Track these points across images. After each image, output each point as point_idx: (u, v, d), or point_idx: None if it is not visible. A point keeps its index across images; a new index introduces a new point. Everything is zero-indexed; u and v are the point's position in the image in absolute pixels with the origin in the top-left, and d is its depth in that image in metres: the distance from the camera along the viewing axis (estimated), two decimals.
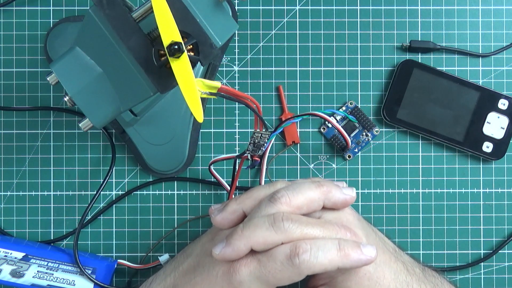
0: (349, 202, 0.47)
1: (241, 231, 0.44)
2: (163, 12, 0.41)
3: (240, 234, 0.43)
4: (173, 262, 0.51)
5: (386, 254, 0.48)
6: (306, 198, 0.45)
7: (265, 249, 0.43)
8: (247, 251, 0.43)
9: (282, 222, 0.43)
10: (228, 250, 0.43)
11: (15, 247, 0.56)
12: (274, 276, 0.42)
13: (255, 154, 0.51)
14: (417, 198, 0.59)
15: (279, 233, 0.43)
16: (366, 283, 0.45)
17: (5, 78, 0.58)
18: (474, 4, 0.59)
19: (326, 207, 0.47)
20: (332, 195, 0.46)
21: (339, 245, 0.43)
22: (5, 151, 0.58)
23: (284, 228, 0.43)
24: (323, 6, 0.59)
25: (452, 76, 0.58)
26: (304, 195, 0.45)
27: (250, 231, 0.43)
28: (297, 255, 0.42)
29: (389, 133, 0.59)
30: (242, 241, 0.43)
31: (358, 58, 0.59)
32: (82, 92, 0.45)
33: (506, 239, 0.59)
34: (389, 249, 0.49)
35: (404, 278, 0.47)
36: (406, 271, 0.48)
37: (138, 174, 0.59)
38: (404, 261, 0.49)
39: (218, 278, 0.44)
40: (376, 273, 0.46)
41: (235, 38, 0.59)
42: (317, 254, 0.42)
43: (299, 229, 0.43)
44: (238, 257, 0.43)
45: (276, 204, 0.45)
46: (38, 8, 0.59)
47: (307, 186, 0.46)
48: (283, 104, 0.59)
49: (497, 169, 0.59)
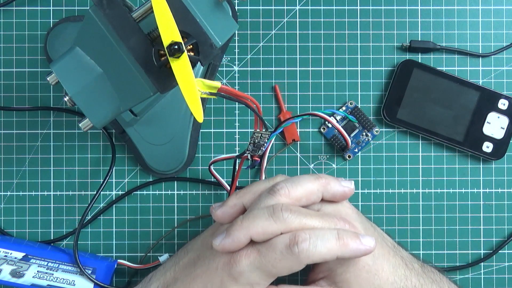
0: (348, 194, 0.47)
1: (240, 222, 0.44)
2: (163, 12, 0.41)
3: (239, 224, 0.44)
4: (174, 258, 0.51)
5: (385, 248, 0.48)
6: (305, 190, 0.46)
7: (265, 239, 0.43)
8: (246, 241, 0.44)
9: (281, 212, 0.44)
10: (228, 240, 0.44)
11: (15, 247, 0.56)
12: (274, 265, 0.43)
13: (255, 154, 0.51)
14: (417, 198, 0.59)
15: (278, 223, 0.43)
16: (365, 275, 0.46)
17: (5, 78, 0.59)
18: (474, 4, 0.59)
19: (325, 199, 0.47)
20: (331, 187, 0.47)
21: (338, 234, 0.43)
22: (5, 151, 0.58)
23: (283, 218, 0.43)
24: (323, 6, 0.59)
25: (452, 76, 0.58)
26: (303, 187, 0.46)
27: (250, 222, 0.44)
28: (296, 244, 0.42)
29: (389, 133, 0.59)
30: (242, 232, 0.43)
31: (358, 58, 0.59)
32: (82, 92, 0.45)
33: (506, 239, 0.59)
34: (388, 244, 0.49)
35: (402, 272, 0.47)
36: (405, 265, 0.48)
37: (138, 174, 0.59)
38: (403, 256, 0.49)
39: (218, 270, 0.44)
40: (374, 266, 0.46)
41: (235, 38, 0.59)
42: (316, 243, 0.42)
43: (298, 219, 0.44)
44: (238, 248, 0.44)
45: (275, 196, 0.45)
46: (38, 8, 0.59)
47: (306, 179, 0.47)
48: (280, 104, 0.59)
49: (497, 169, 0.59)
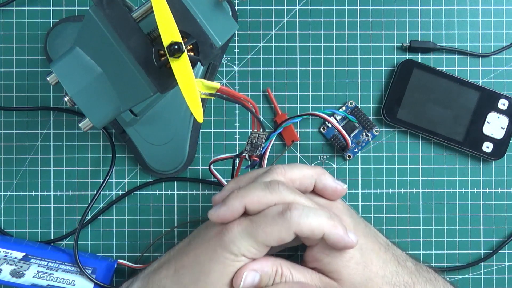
0: (339, 191, 0.48)
1: (237, 191, 0.45)
2: (163, 12, 0.42)
3: (236, 193, 0.45)
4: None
5: (376, 243, 0.48)
6: (300, 172, 0.47)
7: (259, 209, 0.44)
8: (241, 209, 0.44)
9: (277, 185, 0.45)
10: (223, 208, 0.44)
11: (15, 247, 0.56)
12: (264, 230, 0.43)
13: (253, 154, 0.51)
14: (417, 198, 0.59)
15: (274, 194, 0.44)
16: (354, 266, 0.46)
17: (5, 78, 0.59)
18: (474, 4, 0.59)
19: (317, 191, 0.48)
20: (324, 178, 0.48)
21: (329, 215, 0.44)
22: (5, 151, 0.58)
23: (279, 190, 0.44)
24: (323, 6, 0.59)
25: (452, 76, 0.58)
26: (299, 169, 0.48)
27: (246, 191, 0.45)
28: (289, 210, 0.43)
29: (389, 133, 0.59)
30: (237, 200, 0.44)
31: (358, 58, 0.59)
32: (82, 92, 0.45)
33: (506, 239, 0.59)
34: (380, 241, 0.49)
35: (394, 269, 0.48)
36: (397, 262, 0.48)
37: (138, 174, 0.59)
38: (395, 254, 0.49)
39: (211, 241, 0.45)
40: (363, 258, 0.46)
41: (235, 38, 0.59)
42: (308, 213, 0.43)
43: (293, 195, 0.45)
44: (233, 216, 0.44)
45: (271, 174, 0.47)
46: (38, 8, 0.59)
47: (303, 165, 0.49)
48: (275, 106, 0.59)
49: (497, 169, 0.59)
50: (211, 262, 0.44)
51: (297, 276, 0.45)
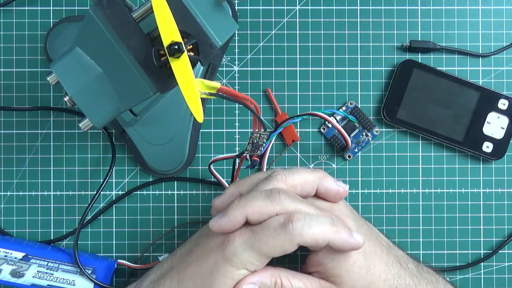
0: (342, 194, 0.48)
1: (238, 201, 0.45)
2: (163, 12, 0.41)
3: (236, 203, 0.44)
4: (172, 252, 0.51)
5: (378, 246, 0.48)
6: (301, 178, 0.47)
7: (260, 219, 0.44)
8: (243, 220, 0.44)
9: (278, 195, 0.44)
10: (224, 219, 0.44)
11: (15, 247, 0.56)
12: (266, 243, 0.43)
13: (254, 154, 0.51)
14: (417, 198, 0.59)
15: (275, 204, 0.44)
16: (357, 271, 0.46)
17: (5, 78, 0.59)
18: (474, 4, 0.59)
19: (319, 194, 0.48)
20: (326, 181, 0.48)
21: (332, 221, 0.44)
22: (5, 151, 0.58)
23: (280, 200, 0.44)
24: (323, 6, 0.59)
25: (452, 76, 0.58)
26: (299, 175, 0.47)
27: (247, 201, 0.44)
28: (291, 222, 0.43)
29: (389, 133, 0.59)
30: (239, 210, 0.44)
31: (358, 58, 0.59)
32: (82, 92, 0.45)
33: (506, 239, 0.59)
34: (382, 243, 0.49)
35: (396, 271, 0.47)
36: (399, 264, 0.48)
37: (138, 174, 0.59)
38: (397, 256, 0.49)
39: (212, 252, 0.45)
40: (366, 262, 0.46)
41: (235, 38, 0.59)
42: (310, 223, 0.43)
43: (294, 203, 0.44)
44: (234, 227, 0.44)
45: (272, 181, 0.46)
46: (38, 8, 0.59)
47: (303, 169, 0.48)
48: (275, 106, 0.59)
49: (497, 169, 0.59)
50: (212, 275, 0.44)
51: (297, 284, 0.45)
